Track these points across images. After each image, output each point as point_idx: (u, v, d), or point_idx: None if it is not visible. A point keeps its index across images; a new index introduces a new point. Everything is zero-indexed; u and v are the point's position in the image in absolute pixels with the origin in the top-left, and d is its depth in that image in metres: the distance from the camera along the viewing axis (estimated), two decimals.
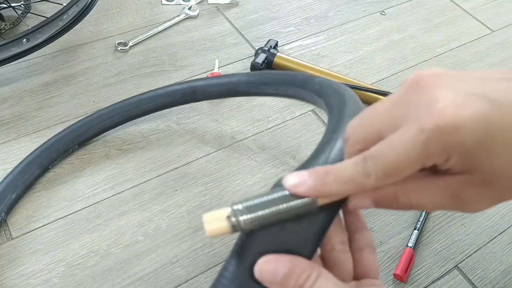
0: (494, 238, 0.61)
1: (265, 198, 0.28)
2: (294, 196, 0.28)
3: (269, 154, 0.67)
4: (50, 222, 0.58)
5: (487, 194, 0.26)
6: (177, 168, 0.65)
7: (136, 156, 0.65)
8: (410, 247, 0.58)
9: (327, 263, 0.32)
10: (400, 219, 0.62)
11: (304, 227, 0.29)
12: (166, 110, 0.69)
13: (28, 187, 0.60)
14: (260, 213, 0.27)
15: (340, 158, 0.31)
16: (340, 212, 0.32)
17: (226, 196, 0.62)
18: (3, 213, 0.56)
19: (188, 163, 0.65)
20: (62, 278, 0.53)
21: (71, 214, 0.59)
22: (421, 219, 0.61)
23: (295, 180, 0.28)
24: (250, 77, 0.62)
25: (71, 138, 0.63)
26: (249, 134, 0.70)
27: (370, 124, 0.28)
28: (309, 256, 0.29)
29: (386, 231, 0.61)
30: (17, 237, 0.56)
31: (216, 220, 0.27)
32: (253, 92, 0.62)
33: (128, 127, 0.69)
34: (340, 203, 0.30)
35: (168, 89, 0.66)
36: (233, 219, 0.27)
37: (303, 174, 0.28)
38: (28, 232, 0.57)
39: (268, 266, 0.28)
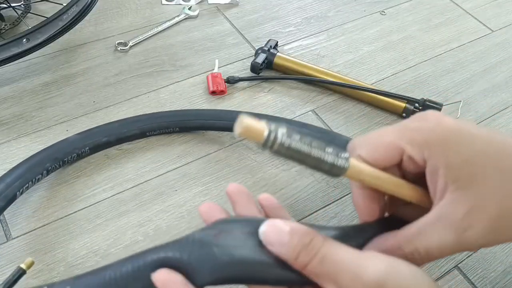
0: None
1: (309, 137, 0.27)
2: (333, 152, 0.28)
3: (269, 154, 0.67)
4: (50, 222, 0.58)
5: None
6: (177, 168, 0.65)
7: (136, 156, 0.65)
8: None
9: None
10: None
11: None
12: None
13: (27, 188, 0.60)
14: (296, 145, 0.26)
15: None
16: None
17: (226, 196, 0.62)
18: None
19: (188, 163, 0.65)
20: (62, 278, 0.53)
21: (71, 214, 0.59)
22: None
23: None
24: None
25: (83, 144, 0.62)
26: None
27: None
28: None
29: None
30: (17, 237, 0.56)
31: (255, 123, 0.26)
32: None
33: None
34: None
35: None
36: (272, 133, 0.26)
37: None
38: (28, 232, 0.57)
39: (274, 223, 0.31)
